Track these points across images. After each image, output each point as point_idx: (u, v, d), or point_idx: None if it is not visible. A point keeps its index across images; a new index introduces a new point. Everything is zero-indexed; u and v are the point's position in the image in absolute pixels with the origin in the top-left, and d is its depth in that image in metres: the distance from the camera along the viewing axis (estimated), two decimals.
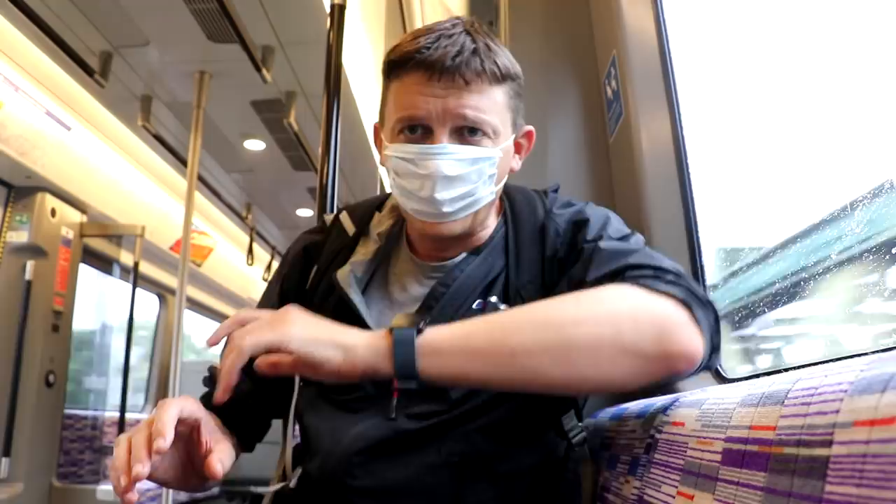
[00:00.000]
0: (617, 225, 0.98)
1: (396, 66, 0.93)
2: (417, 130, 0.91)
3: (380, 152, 1.01)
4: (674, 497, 0.62)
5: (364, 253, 1.02)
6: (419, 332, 0.75)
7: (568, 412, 0.98)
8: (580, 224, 0.97)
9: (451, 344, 0.75)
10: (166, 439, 0.71)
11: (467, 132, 0.91)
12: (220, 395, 0.75)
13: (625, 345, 0.73)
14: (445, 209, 0.91)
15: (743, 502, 0.48)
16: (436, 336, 0.76)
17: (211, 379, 1.06)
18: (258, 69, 3.23)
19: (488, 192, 0.94)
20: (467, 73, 0.89)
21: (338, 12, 1.98)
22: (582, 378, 0.75)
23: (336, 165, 1.86)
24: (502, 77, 0.92)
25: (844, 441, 0.38)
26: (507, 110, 0.95)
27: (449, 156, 0.89)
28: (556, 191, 1.10)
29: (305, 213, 5.79)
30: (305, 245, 1.11)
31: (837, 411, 0.40)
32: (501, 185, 0.99)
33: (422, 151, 0.90)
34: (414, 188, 0.91)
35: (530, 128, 1.04)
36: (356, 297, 0.98)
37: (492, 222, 1.04)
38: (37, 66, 3.43)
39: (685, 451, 0.63)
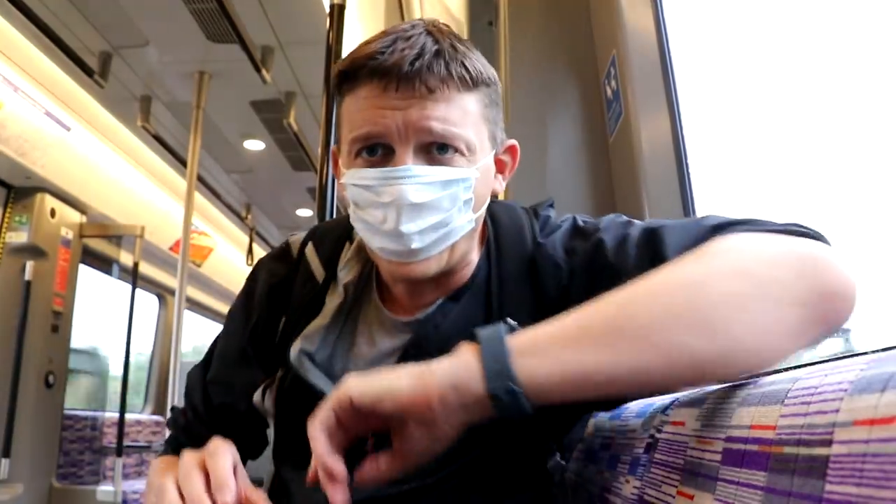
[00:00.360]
0: (626, 219, 0.84)
1: (347, 77, 0.80)
2: (377, 152, 0.78)
3: (338, 182, 0.87)
4: (674, 497, 0.62)
5: (325, 315, 0.87)
6: (510, 329, 0.60)
7: (552, 455, 0.88)
8: (594, 243, 0.80)
9: (554, 335, 0.58)
10: (232, 491, 0.62)
11: (436, 150, 0.77)
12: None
13: (774, 294, 0.57)
14: (415, 245, 0.76)
15: (743, 502, 0.48)
16: (531, 332, 0.59)
17: (175, 422, 0.98)
18: (258, 69, 3.23)
19: (465, 221, 0.79)
20: (430, 79, 0.75)
21: (338, 12, 1.98)
22: (734, 346, 0.57)
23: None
24: (473, 82, 0.78)
25: (844, 440, 0.38)
26: (483, 121, 0.81)
27: (414, 179, 0.75)
28: (551, 206, 0.93)
29: (305, 213, 5.79)
30: (271, 285, 0.95)
31: (837, 410, 0.40)
32: (482, 211, 0.83)
33: (382, 176, 0.75)
34: (376, 221, 0.76)
35: (513, 142, 0.90)
36: (315, 378, 0.83)
37: (474, 256, 0.88)
38: (36, 67, 3.43)
39: (685, 451, 0.63)
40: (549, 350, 0.57)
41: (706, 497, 0.55)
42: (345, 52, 2.02)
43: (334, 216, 1.82)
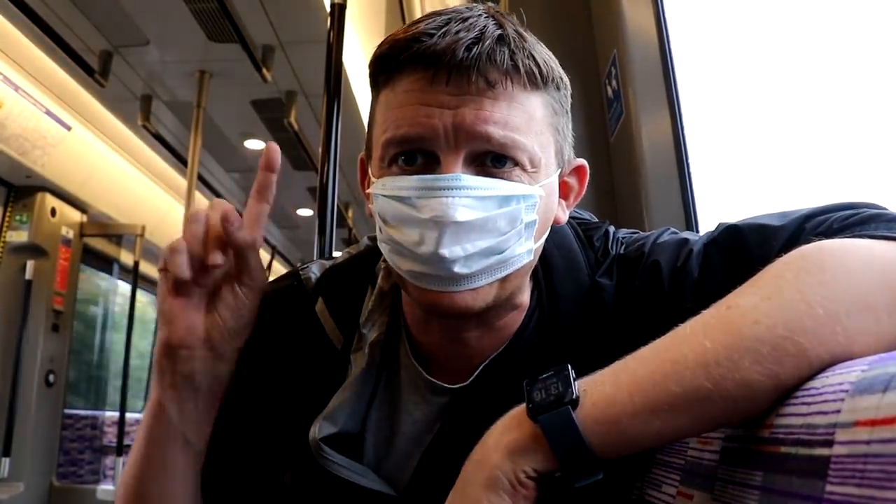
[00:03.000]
0: (679, 233, 0.72)
1: (386, 66, 0.64)
2: (416, 160, 0.62)
3: (365, 196, 0.70)
4: (674, 497, 0.62)
5: (350, 385, 0.71)
6: (573, 403, 0.49)
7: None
8: (648, 272, 0.67)
9: (628, 403, 0.48)
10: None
11: (491, 162, 0.61)
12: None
13: None
14: (459, 269, 0.60)
15: (742, 502, 0.48)
16: (600, 401, 0.50)
17: None
18: (258, 69, 3.23)
19: (524, 250, 0.63)
20: (491, 71, 0.60)
21: (338, 12, 1.98)
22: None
23: (336, 165, 1.86)
24: (543, 80, 0.64)
25: (845, 441, 0.38)
26: (550, 131, 0.66)
27: (465, 191, 0.59)
28: (602, 225, 0.76)
29: (306, 212, 5.79)
30: (278, 342, 0.76)
31: (839, 411, 0.40)
32: (542, 241, 0.67)
33: (423, 185, 0.60)
34: (410, 242, 0.60)
35: (582, 162, 0.74)
36: (341, 469, 0.68)
37: (525, 297, 0.71)
38: (37, 66, 3.43)
39: (685, 451, 0.63)
40: (624, 426, 0.48)
41: (706, 497, 0.55)
42: (346, 52, 2.03)
43: (334, 217, 1.82)
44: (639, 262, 0.69)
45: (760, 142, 1.31)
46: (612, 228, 0.77)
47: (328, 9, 2.02)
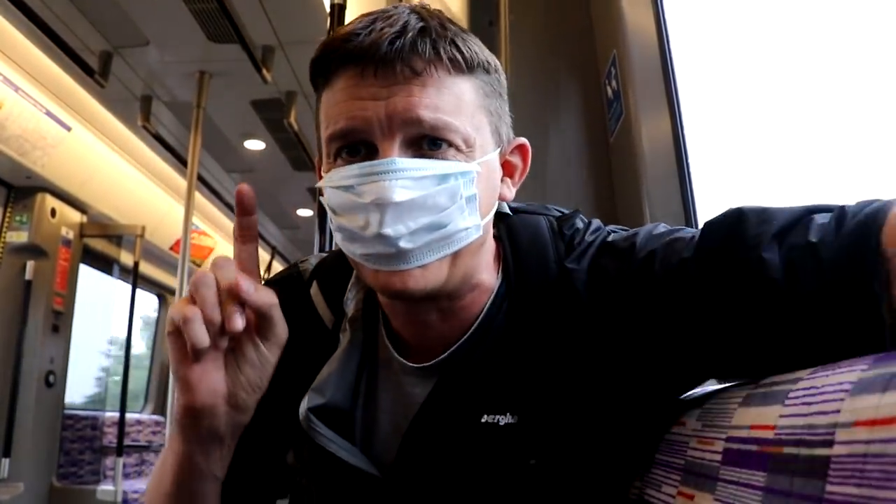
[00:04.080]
0: (667, 228, 0.72)
1: (321, 68, 0.68)
2: (359, 151, 0.66)
3: (321, 196, 0.73)
4: (674, 497, 0.62)
5: (334, 359, 0.75)
6: None
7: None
8: (633, 262, 0.67)
9: None
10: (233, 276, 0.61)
11: (426, 144, 0.65)
12: None
13: None
14: (404, 244, 0.63)
15: (743, 502, 0.48)
16: None
17: None
18: (258, 69, 3.23)
19: (470, 224, 0.65)
20: (416, 60, 0.64)
21: (338, 12, 1.98)
22: None
23: None
24: (467, 65, 0.66)
25: (845, 441, 0.38)
26: (482, 112, 0.68)
27: (401, 173, 0.62)
28: (579, 219, 0.77)
29: (306, 212, 5.79)
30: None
31: (838, 411, 0.40)
32: (489, 219, 0.70)
33: (361, 172, 0.63)
34: (357, 226, 0.64)
35: (522, 141, 0.76)
36: (328, 441, 0.71)
37: (487, 280, 0.73)
38: (37, 67, 3.43)
39: (685, 451, 0.63)
40: None
41: (706, 497, 0.55)
42: None
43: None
44: (631, 250, 0.69)
45: (761, 142, 1.31)
46: (585, 219, 0.78)
47: (328, 9, 2.02)
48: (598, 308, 0.68)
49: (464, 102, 0.66)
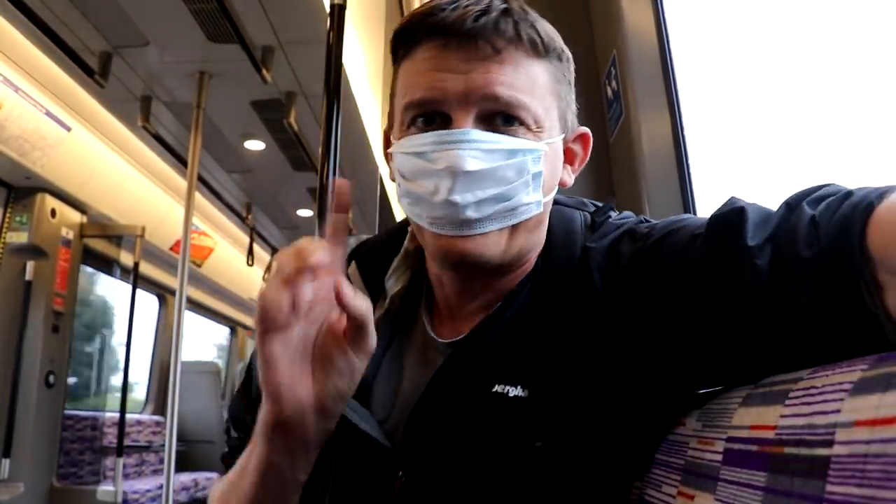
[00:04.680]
0: (688, 216, 0.73)
1: (403, 40, 0.71)
2: (434, 121, 0.68)
3: (386, 159, 0.77)
4: (674, 497, 0.62)
5: None
6: None
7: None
8: (647, 245, 0.68)
9: None
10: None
11: (500, 121, 0.68)
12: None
13: None
14: (470, 213, 0.66)
15: (744, 502, 0.48)
16: None
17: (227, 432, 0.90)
18: (258, 69, 3.23)
19: (533, 200, 0.69)
20: (496, 39, 0.67)
21: (338, 12, 1.98)
22: None
23: (336, 165, 1.86)
24: (545, 49, 0.70)
25: (846, 441, 0.38)
26: (553, 97, 0.72)
27: (473, 144, 0.65)
28: (611, 208, 0.80)
29: (306, 213, 5.79)
30: None
31: (838, 411, 0.40)
32: (550, 197, 0.73)
33: (437, 140, 0.66)
34: (426, 192, 0.67)
35: (585, 130, 0.79)
36: (346, 406, 0.69)
37: (531, 262, 0.76)
38: (37, 67, 3.43)
39: (686, 451, 0.63)
40: None
41: (707, 497, 0.55)
42: (345, 53, 2.03)
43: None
44: (649, 235, 0.70)
45: (761, 142, 1.31)
46: (617, 210, 0.80)
47: (328, 9, 2.02)
48: (610, 294, 0.68)
49: (537, 85, 0.69)
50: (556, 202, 0.79)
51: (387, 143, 0.77)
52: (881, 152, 1.01)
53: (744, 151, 1.36)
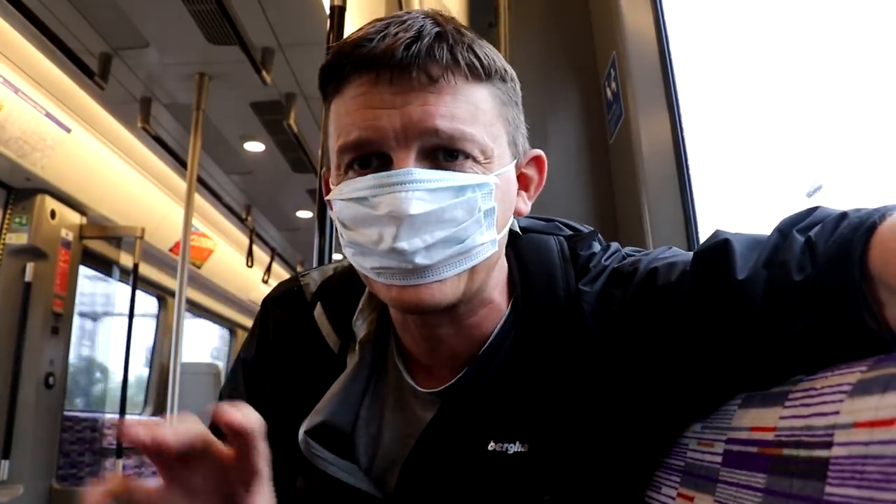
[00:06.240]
0: (674, 251, 0.71)
1: (332, 74, 0.65)
2: (371, 163, 0.62)
3: (329, 207, 0.69)
4: (674, 498, 0.62)
5: (341, 379, 0.73)
6: None
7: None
8: (636, 288, 0.66)
9: None
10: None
11: (442, 156, 0.62)
12: None
13: None
14: (420, 260, 0.60)
15: None
16: None
17: None
18: (258, 71, 3.23)
19: (487, 240, 0.63)
20: (432, 66, 0.60)
21: (338, 14, 1.98)
22: None
23: None
24: (485, 72, 0.64)
25: (844, 442, 0.38)
26: (499, 121, 0.66)
27: (417, 184, 0.59)
28: (595, 240, 0.75)
29: (305, 214, 5.79)
30: (280, 342, 0.79)
31: (838, 412, 0.40)
32: (505, 232, 0.67)
33: (376, 183, 0.60)
34: (370, 241, 0.61)
35: (538, 152, 0.73)
36: (325, 461, 0.69)
37: (498, 298, 0.71)
38: (36, 69, 3.43)
39: (685, 453, 0.63)
40: None
41: (706, 499, 0.55)
42: None
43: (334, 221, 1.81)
44: (633, 275, 0.67)
45: (760, 142, 1.31)
46: (604, 242, 0.76)
47: (328, 11, 2.02)
48: (605, 337, 0.66)
49: (481, 111, 0.63)
50: (524, 230, 0.76)
51: (327, 189, 0.71)
52: (881, 152, 1.02)
53: (743, 151, 1.36)
